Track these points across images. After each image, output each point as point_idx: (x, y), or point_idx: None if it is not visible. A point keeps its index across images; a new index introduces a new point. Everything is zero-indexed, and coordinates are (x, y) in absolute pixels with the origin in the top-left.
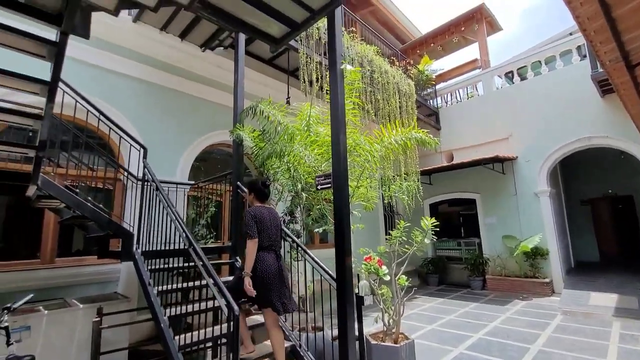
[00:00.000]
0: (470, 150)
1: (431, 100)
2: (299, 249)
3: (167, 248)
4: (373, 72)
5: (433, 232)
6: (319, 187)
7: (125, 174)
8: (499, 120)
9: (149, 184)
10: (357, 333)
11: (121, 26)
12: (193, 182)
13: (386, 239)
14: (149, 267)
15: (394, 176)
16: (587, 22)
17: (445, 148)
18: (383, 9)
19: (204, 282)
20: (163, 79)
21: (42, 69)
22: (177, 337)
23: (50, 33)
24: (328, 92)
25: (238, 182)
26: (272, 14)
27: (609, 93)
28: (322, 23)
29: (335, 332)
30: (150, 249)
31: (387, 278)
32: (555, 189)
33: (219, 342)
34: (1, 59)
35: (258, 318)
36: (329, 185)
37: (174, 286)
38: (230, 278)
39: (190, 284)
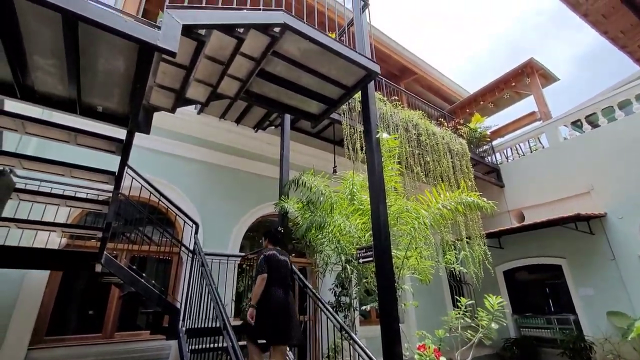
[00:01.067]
0: (544, 208)
1: (489, 157)
2: (343, 331)
3: (211, 325)
4: (420, 135)
5: (510, 306)
6: (360, 260)
7: (182, 247)
8: (574, 173)
9: (196, 258)
10: None
11: (188, 119)
12: (242, 254)
13: (454, 317)
14: (196, 346)
15: (454, 241)
16: None
17: (513, 207)
18: (426, 76)
19: None
20: (219, 158)
21: (95, 159)
22: None
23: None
24: None
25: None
26: (310, 95)
27: None
28: None
29: None
30: (200, 326)
31: None
32: None
33: None
34: (73, 155)
35: None
36: (371, 258)
37: None
38: None
39: None
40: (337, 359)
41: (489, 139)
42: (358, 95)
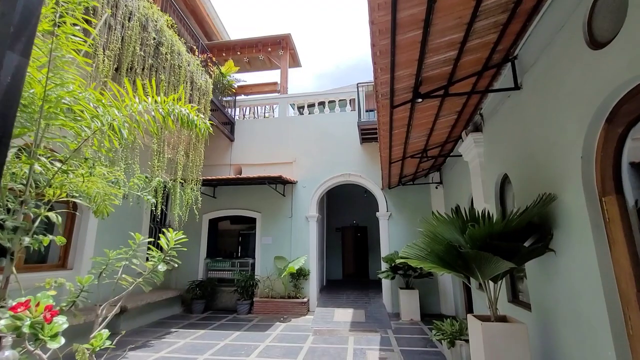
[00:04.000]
0: (259, 168)
1: (230, 110)
2: None
3: None
4: (160, 45)
5: (206, 251)
6: None
7: None
8: (287, 145)
9: None
10: None
11: None
12: None
13: (112, 257)
14: None
15: (171, 180)
16: (377, 36)
17: (235, 161)
18: None
19: None
20: None
21: None
22: None
23: None
24: None
25: None
26: None
27: (366, 142)
28: None
29: None
30: None
31: (57, 344)
32: (320, 215)
33: None
34: None
35: None
36: None
37: None
38: None
39: None
40: None
41: (234, 91)
42: None
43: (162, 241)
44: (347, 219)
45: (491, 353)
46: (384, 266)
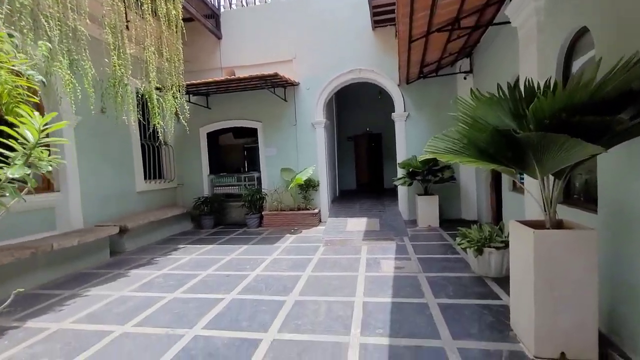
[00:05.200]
0: (255, 69)
1: None
2: None
3: None
4: None
5: (208, 167)
6: None
7: None
8: (285, 38)
9: None
10: None
11: None
12: None
13: None
14: None
15: (148, 86)
16: None
17: (226, 64)
18: None
19: None
20: None
21: None
22: None
23: None
24: None
25: None
26: None
27: (379, 27)
28: None
29: None
30: None
31: None
32: (329, 121)
33: None
34: None
35: None
36: None
37: None
38: None
39: None
40: None
41: None
42: None
43: (27, 133)
44: (359, 127)
45: (545, 267)
46: (400, 172)
